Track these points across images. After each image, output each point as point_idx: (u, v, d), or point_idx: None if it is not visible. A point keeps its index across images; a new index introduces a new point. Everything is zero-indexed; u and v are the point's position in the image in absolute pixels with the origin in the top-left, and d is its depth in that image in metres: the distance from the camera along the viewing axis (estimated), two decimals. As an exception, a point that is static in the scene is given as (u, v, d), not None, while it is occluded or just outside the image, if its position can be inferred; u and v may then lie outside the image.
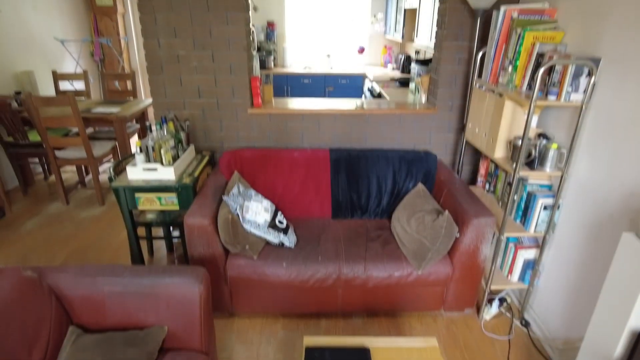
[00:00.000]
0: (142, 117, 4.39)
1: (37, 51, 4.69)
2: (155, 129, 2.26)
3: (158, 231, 3.36)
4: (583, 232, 1.96)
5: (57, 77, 4.63)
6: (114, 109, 3.96)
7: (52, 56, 4.97)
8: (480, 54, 2.51)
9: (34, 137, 3.98)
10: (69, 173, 4.64)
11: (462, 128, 2.87)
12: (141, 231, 3.29)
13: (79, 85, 5.15)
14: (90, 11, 5.65)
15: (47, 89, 4.79)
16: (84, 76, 4.65)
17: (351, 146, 2.93)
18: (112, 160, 4.66)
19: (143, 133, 4.52)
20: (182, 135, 2.49)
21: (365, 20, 5.93)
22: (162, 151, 2.19)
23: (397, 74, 5.28)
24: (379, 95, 4.37)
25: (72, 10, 5.39)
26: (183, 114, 2.78)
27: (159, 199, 2.23)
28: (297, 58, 6.07)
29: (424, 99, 3.10)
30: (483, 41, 2.59)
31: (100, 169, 4.64)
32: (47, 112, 3.57)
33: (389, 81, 4.85)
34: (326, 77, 5.62)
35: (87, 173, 4.50)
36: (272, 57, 5.73)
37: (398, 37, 5.02)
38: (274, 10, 5.83)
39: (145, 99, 4.40)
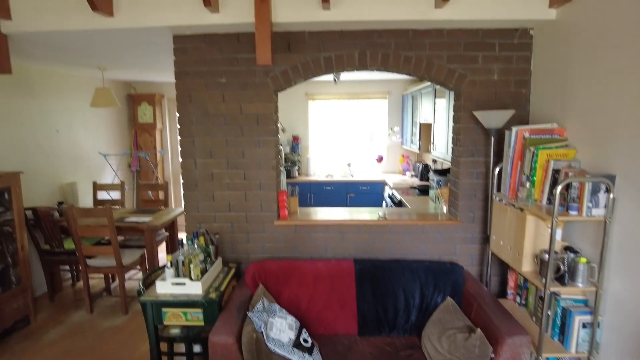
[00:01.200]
0: (171, 225, 4.57)
1: (82, 164, 5.12)
2: (187, 244, 2.36)
3: (179, 346, 3.27)
4: (632, 355, 1.83)
5: (96, 187, 4.98)
6: (145, 218, 4.15)
7: (94, 168, 5.39)
8: (497, 169, 2.63)
9: (68, 244, 4.15)
10: (96, 279, 4.71)
11: (486, 239, 2.88)
12: (162, 346, 3.21)
13: (115, 194, 5.49)
14: (133, 127, 6.26)
15: (86, 198, 5.11)
16: (120, 187, 4.98)
17: (375, 256, 2.95)
18: (139, 268, 4.74)
19: (171, 241, 4.65)
20: (212, 248, 2.58)
21: (383, 132, 6.34)
22: (192, 266, 2.26)
23: (416, 181, 5.46)
24: (400, 203, 4.48)
25: (117, 127, 5.98)
26: (213, 227, 2.91)
27: (185, 314, 2.23)
28: (319, 167, 6.41)
29: (445, 209, 3.17)
30: (498, 156, 2.72)
31: (127, 275, 4.71)
32: (83, 222, 3.78)
33: (409, 189, 5.01)
34: (347, 184, 5.86)
35: (113, 280, 4.56)
36: (296, 167, 6.07)
37: (415, 148, 5.30)
38: (299, 126, 6.34)
39: (175, 208, 4.62)
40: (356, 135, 6.41)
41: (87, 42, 2.95)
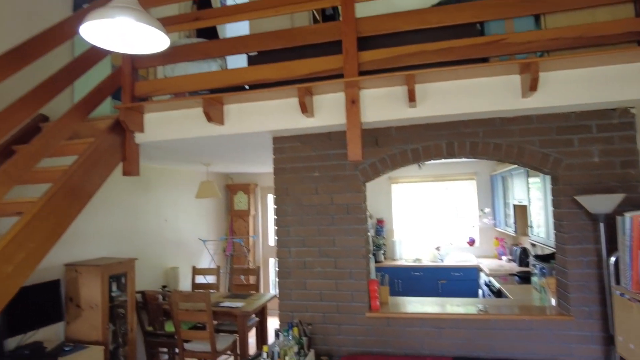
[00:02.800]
0: (261, 310, 4.67)
1: (183, 250, 5.60)
2: (282, 335, 2.40)
3: None
4: None
5: (195, 272, 5.35)
6: (239, 303, 4.31)
7: (194, 253, 5.85)
8: (612, 258, 2.38)
9: (169, 327, 4.41)
10: (190, 364, 4.85)
11: (609, 339, 2.51)
12: None
13: (211, 278, 5.83)
14: (229, 214, 6.78)
15: (186, 282, 5.50)
16: (216, 271, 5.29)
17: (477, 355, 2.70)
18: (229, 353, 4.83)
19: (261, 327, 4.72)
20: (304, 340, 2.59)
21: (473, 214, 6.10)
22: (287, 358, 2.27)
23: (515, 267, 5.05)
24: (499, 293, 4.14)
25: (215, 214, 6.53)
26: (305, 317, 2.94)
27: (280, 410, 2.20)
28: (406, 251, 6.25)
29: (553, 301, 2.87)
30: (611, 242, 2.47)
31: (218, 361, 4.79)
32: (183, 306, 4.03)
33: (507, 275, 4.63)
34: (437, 269, 5.59)
35: (205, 365, 4.66)
36: (382, 251, 5.99)
37: (510, 231, 4.99)
38: (383, 209, 6.38)
39: (265, 293, 4.75)
40: (443, 218, 6.24)
41: (199, 145, 3.41)
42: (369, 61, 2.52)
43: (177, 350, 4.62)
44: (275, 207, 3.03)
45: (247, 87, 2.83)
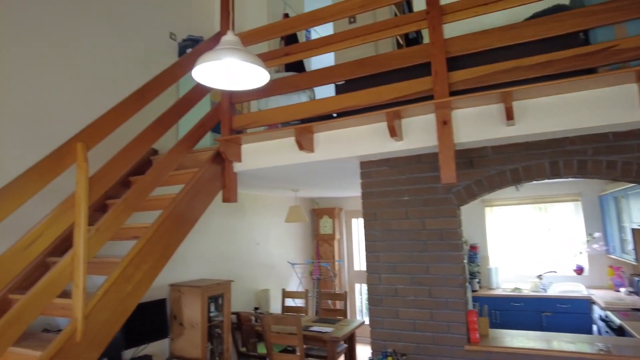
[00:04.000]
0: (350, 337, 4.61)
1: (273, 272, 5.79)
2: (377, 365, 2.34)
3: None
4: None
5: (285, 295, 5.47)
6: (328, 329, 4.31)
7: (283, 276, 6.02)
8: None
9: (261, 349, 4.53)
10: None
11: None
12: None
13: (300, 301, 5.93)
14: (315, 238, 6.89)
15: (276, 304, 5.65)
16: (305, 295, 5.37)
17: (599, 402, 2.37)
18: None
19: (350, 355, 4.65)
20: (399, 370, 2.49)
21: (580, 238, 5.48)
22: (383, 390, 2.20)
23: (638, 300, 4.39)
24: (621, 330, 3.62)
25: (302, 238, 6.69)
26: (398, 347, 2.83)
27: None
28: (503, 279, 5.79)
29: (696, 345, 2.43)
30: None
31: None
32: (274, 328, 4.13)
33: (630, 311, 4.04)
34: (540, 300, 5.07)
35: (295, 389, 4.69)
36: (476, 280, 5.62)
37: (629, 259, 4.38)
38: (476, 235, 6.01)
39: (353, 319, 4.69)
40: (544, 243, 5.69)
41: (290, 172, 3.55)
42: (460, 81, 2.45)
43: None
44: (365, 231, 3.02)
45: (334, 115, 2.91)
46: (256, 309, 4.94)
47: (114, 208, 2.38)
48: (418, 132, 2.58)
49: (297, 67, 4.02)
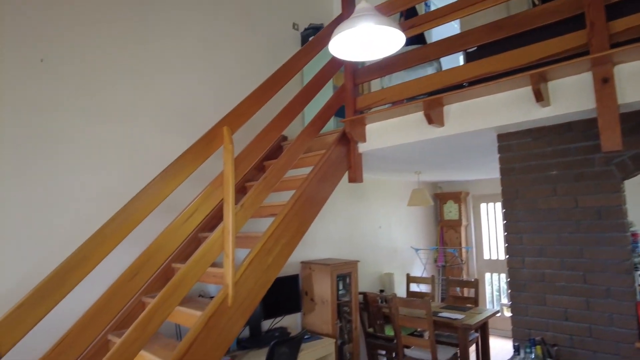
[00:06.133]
0: (483, 327, 4.33)
1: (396, 257, 5.73)
2: (524, 351, 2.14)
3: None
4: None
5: (409, 279, 5.38)
6: (458, 315, 4.11)
7: (406, 261, 5.92)
8: None
9: (388, 331, 4.54)
10: (408, 371, 4.87)
11: None
12: None
13: (424, 287, 5.78)
14: (439, 224, 6.62)
15: (399, 289, 5.59)
16: (431, 280, 5.20)
17: None
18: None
19: (483, 344, 4.38)
20: (549, 362, 2.24)
21: None
22: (533, 380, 2.00)
23: None
24: None
25: (424, 224, 6.48)
26: (546, 337, 2.55)
27: None
28: (675, 273, 4.82)
29: None
30: None
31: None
32: (402, 311, 4.08)
33: None
34: None
35: (423, 375, 4.59)
36: (638, 272, 4.77)
37: None
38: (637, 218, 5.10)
39: (486, 309, 4.39)
40: None
41: (415, 152, 3.44)
42: (622, 31, 2.07)
43: (394, 354, 4.72)
44: (504, 211, 2.76)
45: (465, 85, 2.71)
46: (381, 291, 4.95)
47: (255, 187, 2.58)
48: (569, 95, 2.25)
49: (418, 40, 3.86)
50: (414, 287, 5.66)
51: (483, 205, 6.57)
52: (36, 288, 1.75)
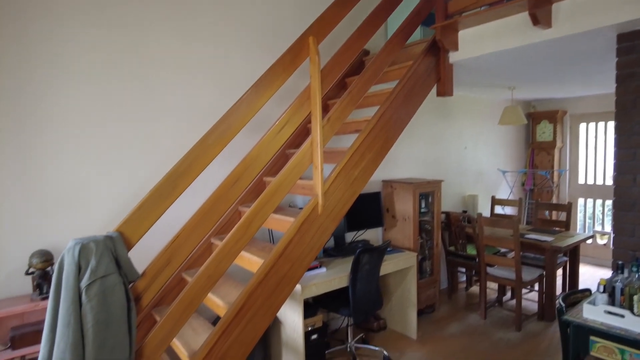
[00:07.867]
0: (573, 251, 4.15)
1: (482, 179, 5.52)
2: (630, 270, 2.02)
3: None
4: None
5: (494, 201, 5.21)
6: (547, 238, 3.96)
7: (491, 183, 5.69)
8: None
9: (470, 250, 4.54)
10: (488, 289, 4.92)
11: None
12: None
13: (509, 210, 5.58)
14: (530, 146, 6.17)
15: (483, 211, 5.46)
16: (518, 203, 4.99)
17: None
18: (529, 288, 4.59)
19: (571, 269, 4.23)
20: (657, 282, 2.10)
21: None
22: (636, 298, 1.91)
23: None
24: None
25: (514, 146, 6.08)
26: (652, 258, 2.38)
27: (622, 352, 1.91)
28: None
29: None
30: None
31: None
32: (486, 232, 4.02)
33: None
34: None
35: (504, 294, 4.60)
36: None
37: None
38: None
39: (577, 233, 4.16)
40: None
41: (512, 61, 3.12)
42: None
43: (474, 272, 4.76)
44: (616, 123, 2.47)
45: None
46: (464, 211, 4.88)
47: (341, 101, 2.56)
48: None
49: None
50: (499, 210, 5.50)
51: (582, 126, 5.93)
52: (153, 190, 1.98)
